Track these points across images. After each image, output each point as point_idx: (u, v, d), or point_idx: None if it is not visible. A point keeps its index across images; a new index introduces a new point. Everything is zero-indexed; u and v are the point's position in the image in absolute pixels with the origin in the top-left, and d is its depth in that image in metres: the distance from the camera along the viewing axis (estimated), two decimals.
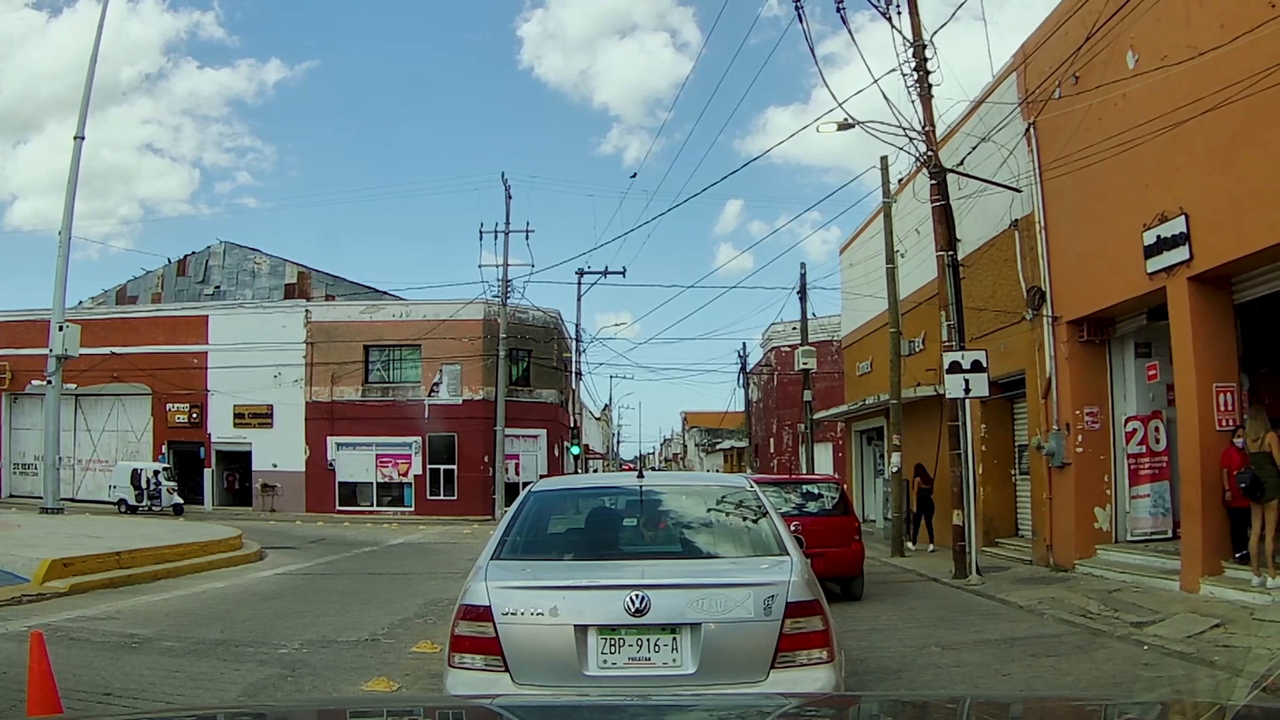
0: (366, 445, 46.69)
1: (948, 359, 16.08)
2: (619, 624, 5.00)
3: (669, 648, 5.01)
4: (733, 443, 67.77)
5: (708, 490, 7.07)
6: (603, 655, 4.99)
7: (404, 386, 47.09)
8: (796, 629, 5.05)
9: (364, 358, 47.38)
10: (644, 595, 4.96)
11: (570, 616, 5.03)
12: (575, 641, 4.98)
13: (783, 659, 5.00)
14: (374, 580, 18.03)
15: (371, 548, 25.84)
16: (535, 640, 5.05)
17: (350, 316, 48.04)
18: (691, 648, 4.98)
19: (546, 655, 5.03)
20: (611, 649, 5.01)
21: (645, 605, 4.94)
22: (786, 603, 5.05)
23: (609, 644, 5.02)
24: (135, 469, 40.52)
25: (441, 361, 46.20)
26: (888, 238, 21.94)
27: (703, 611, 5.01)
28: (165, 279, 56.38)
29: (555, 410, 48.51)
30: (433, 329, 45.60)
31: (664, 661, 5.00)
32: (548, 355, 48.17)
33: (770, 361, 50.19)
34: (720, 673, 4.94)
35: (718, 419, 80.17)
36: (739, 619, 5.02)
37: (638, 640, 5.02)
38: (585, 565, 5.84)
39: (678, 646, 5.01)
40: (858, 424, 31.19)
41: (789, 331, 47.80)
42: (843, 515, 15.00)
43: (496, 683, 4.98)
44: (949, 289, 16.90)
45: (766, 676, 4.96)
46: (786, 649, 5.01)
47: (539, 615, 5.06)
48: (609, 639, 5.02)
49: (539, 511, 6.47)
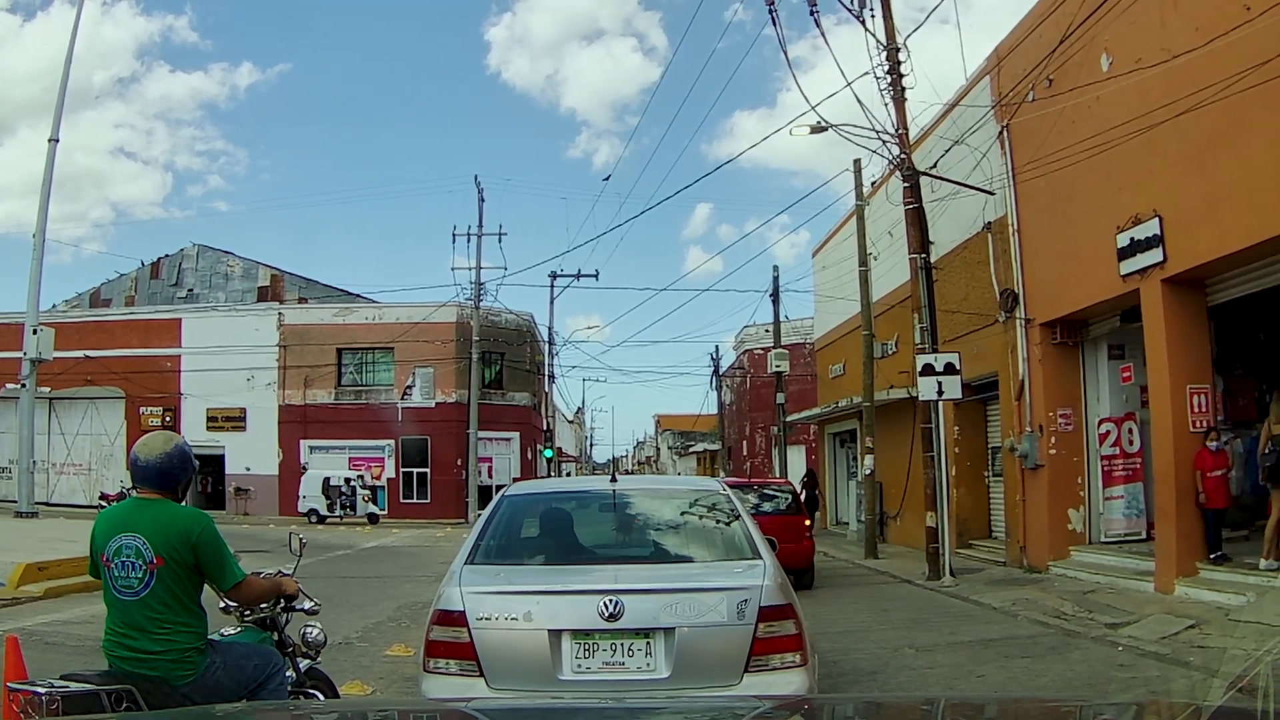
0: (339, 448, 46.38)
1: (921, 361, 16.10)
2: (593, 629, 4.96)
3: (643, 652, 4.97)
4: (706, 445, 67.79)
5: (680, 493, 7.12)
6: (577, 660, 4.96)
7: (377, 389, 46.86)
8: (770, 633, 5.00)
9: (337, 361, 47.11)
10: (617, 600, 4.91)
11: (544, 621, 5.00)
12: (550, 646, 4.94)
13: (756, 663, 4.97)
14: (346, 584, 17.85)
15: (344, 551, 25.59)
16: (509, 645, 5.03)
17: (323, 319, 47.75)
18: (665, 652, 4.93)
19: (521, 660, 5.01)
20: (585, 653, 4.97)
21: (619, 610, 4.90)
22: (759, 607, 5.01)
23: (583, 648, 4.97)
24: (326, 477, 40.89)
25: (414, 364, 46.00)
26: (860, 241, 21.96)
27: (676, 616, 4.97)
28: (138, 282, 55.84)
29: (528, 413, 48.39)
30: (405, 332, 45.39)
31: (638, 666, 4.96)
32: (521, 358, 48.07)
33: (743, 364, 50.23)
34: (694, 677, 4.90)
35: (691, 422, 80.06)
36: (712, 623, 4.99)
37: (611, 645, 4.98)
38: (559, 570, 5.83)
39: (651, 651, 4.96)
40: (831, 426, 31.22)
41: (762, 334, 47.87)
42: (795, 514, 16.58)
43: (472, 687, 4.92)
44: (921, 291, 16.91)
45: (740, 680, 4.92)
46: (760, 653, 4.97)
47: (513, 620, 5.02)
48: (583, 643, 4.97)
49: (512, 516, 6.42)
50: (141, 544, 4.35)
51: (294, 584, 5.31)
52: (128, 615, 4.37)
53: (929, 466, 16.67)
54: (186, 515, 4.51)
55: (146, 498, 4.55)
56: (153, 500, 4.52)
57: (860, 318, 22.34)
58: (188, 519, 4.49)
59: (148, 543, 4.35)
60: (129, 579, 4.35)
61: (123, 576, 4.36)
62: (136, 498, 4.61)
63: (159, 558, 4.34)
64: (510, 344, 47.38)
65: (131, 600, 4.35)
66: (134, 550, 4.35)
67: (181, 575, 4.40)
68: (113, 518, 4.58)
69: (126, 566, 4.36)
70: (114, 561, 4.38)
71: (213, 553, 4.49)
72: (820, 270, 31.04)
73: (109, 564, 4.39)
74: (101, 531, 4.51)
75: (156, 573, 4.33)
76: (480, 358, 44.37)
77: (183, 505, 4.61)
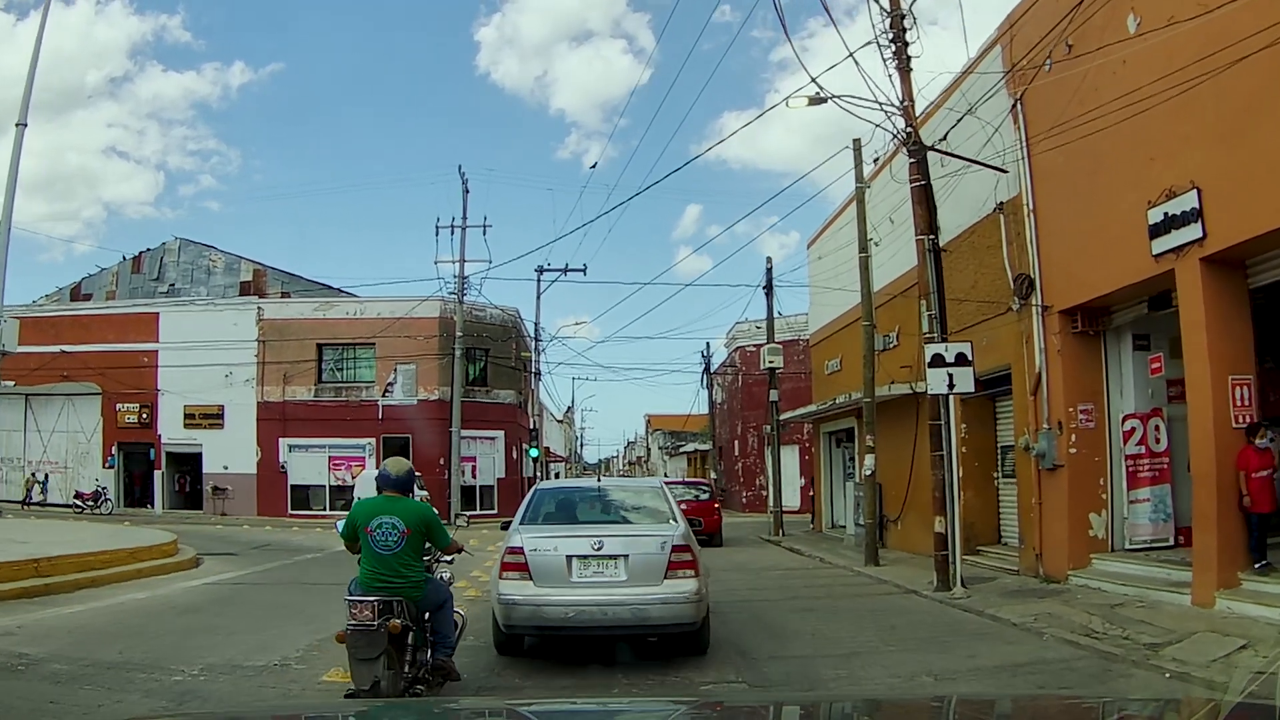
0: (319, 447, 44.98)
1: (929, 351, 14.75)
2: (587, 555, 9.37)
3: (613, 567, 9.37)
4: (696, 445, 66.39)
5: (635, 488, 12.78)
6: (578, 572, 9.35)
7: (358, 386, 45.44)
8: (677, 559, 9.37)
9: (317, 356, 45.65)
10: (600, 541, 9.45)
11: (562, 551, 9.40)
12: (565, 564, 9.34)
13: (669, 574, 9.32)
14: (306, 591, 16.55)
15: (315, 554, 24.24)
16: (545, 563, 9.33)
17: (303, 314, 46.29)
18: (625, 567, 9.35)
19: (550, 571, 9.30)
20: (583, 568, 9.36)
21: (600, 546, 9.41)
22: (671, 545, 9.44)
23: (582, 565, 9.36)
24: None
25: (396, 360, 44.59)
26: (860, 225, 20.61)
27: (629, 549, 9.42)
28: (119, 276, 54.36)
29: (513, 411, 46.98)
30: (387, 327, 44.00)
31: (610, 574, 9.34)
32: (506, 355, 46.64)
33: (735, 362, 48.74)
34: (638, 581, 9.25)
35: (681, 422, 78.98)
36: (648, 552, 9.41)
37: (598, 563, 9.38)
38: (568, 527, 10.32)
39: (617, 566, 9.37)
40: (827, 425, 29.87)
41: (754, 330, 46.48)
42: (709, 501, 29.08)
43: (525, 586, 9.26)
44: (930, 276, 15.59)
45: (661, 583, 9.26)
46: (671, 569, 9.33)
47: (547, 551, 9.41)
48: (582, 562, 9.36)
49: (541, 499, 11.12)
50: (396, 521, 7.29)
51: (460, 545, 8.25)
52: (385, 564, 7.24)
53: (937, 467, 15.30)
54: (421, 506, 7.80)
55: (393, 496, 7.59)
56: (398, 497, 7.57)
57: (860, 308, 20.96)
58: (423, 508, 7.77)
59: (400, 520, 7.30)
60: (387, 541, 7.25)
61: (382, 540, 7.25)
62: (387, 495, 7.58)
63: (407, 529, 7.30)
64: (495, 340, 45.96)
65: (388, 554, 7.25)
66: (391, 525, 7.27)
67: (418, 540, 7.40)
68: (370, 507, 7.54)
69: (385, 534, 7.25)
70: (375, 531, 7.27)
71: (436, 527, 7.64)
72: (815, 260, 29.68)
73: (371, 533, 7.28)
74: (363, 514, 7.50)
75: (406, 539, 7.29)
76: (464, 354, 42.96)
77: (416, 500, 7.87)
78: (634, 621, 9.33)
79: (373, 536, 7.26)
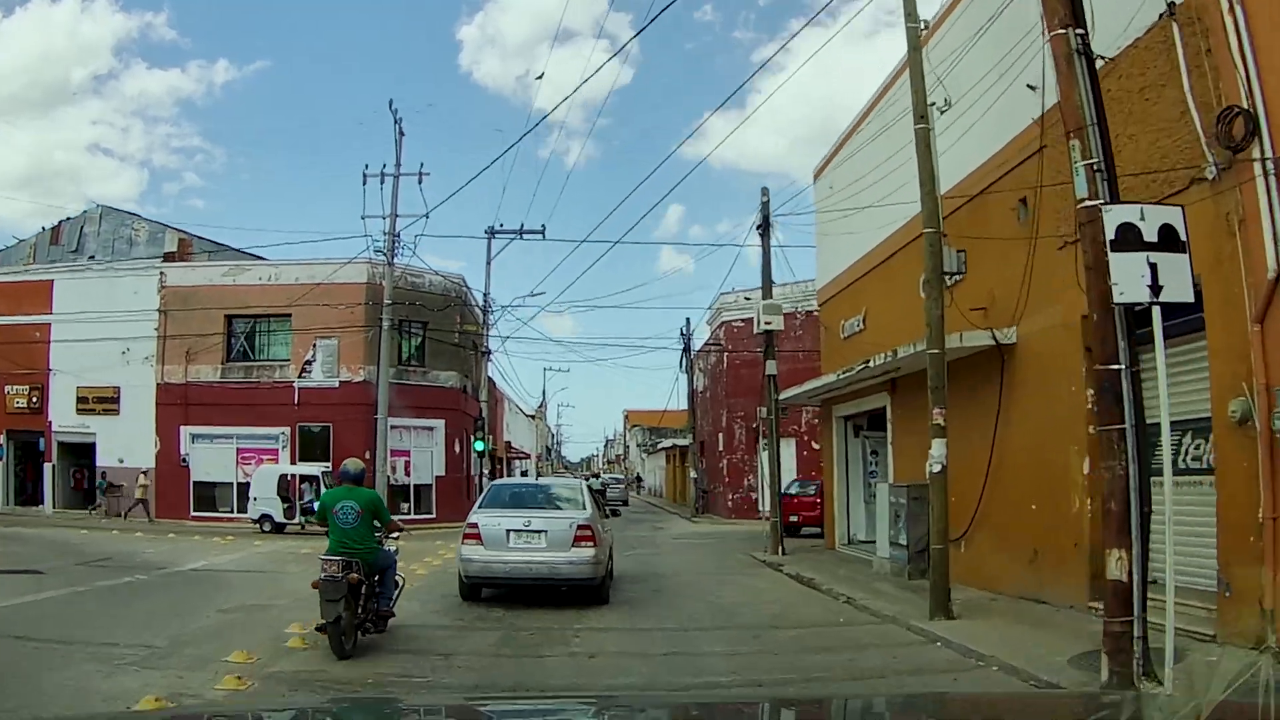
0: (226, 438, 37.73)
1: (1111, 221, 7.46)
2: (520, 529, 14.08)
3: (537, 539, 13.99)
4: (675, 441, 59.13)
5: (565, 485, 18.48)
6: (513, 540, 14.01)
7: (270, 365, 38.14)
8: (581, 534, 13.98)
9: (225, 329, 38.41)
10: (530, 520, 14.28)
11: (504, 526, 14.13)
12: (505, 534, 14.03)
13: (575, 544, 13.89)
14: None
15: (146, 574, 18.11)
16: (491, 533, 14.00)
17: (211, 280, 38.97)
18: (545, 539, 13.98)
19: (495, 539, 13.97)
20: (517, 538, 13.99)
21: (529, 524, 14.19)
22: (577, 525, 14.15)
23: (515, 536, 14.01)
24: (283, 474, 33.03)
25: (316, 334, 37.34)
26: (916, 85, 13.24)
27: (548, 526, 14.15)
28: (37, 248, 48.53)
29: (456, 397, 39.61)
30: (306, 294, 36.73)
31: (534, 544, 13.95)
32: (448, 329, 39.27)
33: (719, 339, 41.27)
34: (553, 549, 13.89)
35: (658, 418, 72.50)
36: (560, 529, 14.05)
37: (527, 535, 14.02)
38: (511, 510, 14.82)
39: (540, 539, 13.99)
40: (842, 407, 22.64)
41: (742, 303, 39.25)
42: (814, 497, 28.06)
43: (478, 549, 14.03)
44: (1082, 96, 8.36)
45: (569, 550, 13.86)
46: (576, 541, 13.93)
47: (492, 525, 14.13)
48: (516, 534, 14.03)
49: (496, 492, 16.52)
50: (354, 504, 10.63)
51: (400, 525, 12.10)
52: (346, 534, 10.50)
53: (1110, 455, 7.96)
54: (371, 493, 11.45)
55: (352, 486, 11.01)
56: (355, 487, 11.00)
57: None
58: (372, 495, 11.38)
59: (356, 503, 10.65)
60: (347, 519, 10.55)
61: (344, 517, 10.54)
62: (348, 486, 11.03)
63: (361, 510, 10.64)
64: (435, 312, 38.60)
65: (348, 528, 10.52)
66: (350, 507, 10.60)
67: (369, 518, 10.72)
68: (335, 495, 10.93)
69: (346, 514, 10.55)
70: (339, 511, 10.57)
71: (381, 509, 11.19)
72: (826, 195, 22.41)
73: (336, 513, 10.57)
74: (331, 499, 10.87)
75: (361, 516, 10.62)
76: (394, 326, 35.62)
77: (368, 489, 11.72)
78: (550, 576, 14.16)
79: (337, 515, 10.58)
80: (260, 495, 32.91)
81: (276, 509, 32.34)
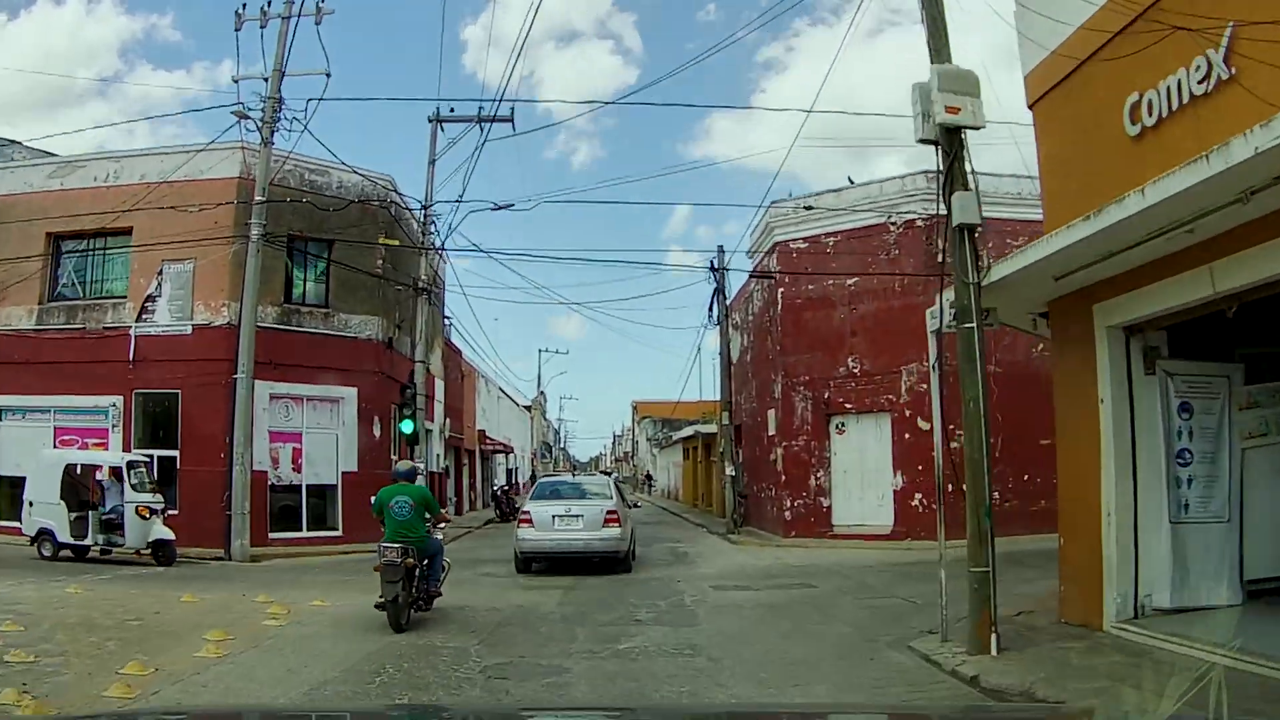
0: (40, 410, 25.18)
1: None
2: (562, 514, 18.83)
3: (576, 522, 18.68)
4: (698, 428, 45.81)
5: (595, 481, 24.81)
6: (558, 523, 18.70)
7: (103, 305, 25.41)
8: (609, 518, 18.76)
9: (49, 252, 25.79)
10: (570, 507, 19.05)
11: (549, 512, 18.93)
12: (550, 519, 18.75)
13: (605, 525, 18.58)
14: None
15: None
16: (540, 518, 18.80)
17: (31, 185, 26.21)
18: (582, 522, 18.66)
19: (544, 522, 18.72)
20: (560, 521, 18.71)
21: (569, 510, 18.94)
22: (606, 510, 18.94)
23: (558, 520, 18.72)
24: (71, 467, 21.27)
25: (165, 257, 24.57)
26: None
27: (584, 511, 18.90)
28: None
29: (376, 353, 26.51)
30: (151, 194, 24.08)
31: (574, 526, 18.63)
32: (367, 253, 26.31)
33: (769, 269, 27.87)
34: (588, 529, 18.52)
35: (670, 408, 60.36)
36: (595, 514, 18.78)
37: (567, 520, 18.72)
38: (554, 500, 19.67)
39: (579, 521, 18.68)
40: (1125, 302, 9.65)
41: (799, 220, 26.22)
42: None
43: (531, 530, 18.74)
44: None
45: (601, 530, 18.50)
46: (605, 523, 18.64)
47: (541, 512, 18.98)
48: (559, 519, 18.75)
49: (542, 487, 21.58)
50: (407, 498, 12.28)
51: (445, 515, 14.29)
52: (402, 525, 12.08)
53: None
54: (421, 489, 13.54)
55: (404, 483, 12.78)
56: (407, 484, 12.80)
57: None
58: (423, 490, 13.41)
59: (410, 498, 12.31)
60: (402, 512, 12.14)
61: (399, 511, 12.14)
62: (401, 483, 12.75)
63: (414, 503, 12.26)
64: (347, 228, 25.67)
65: (403, 519, 12.09)
66: (404, 501, 12.22)
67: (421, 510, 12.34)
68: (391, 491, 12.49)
69: (401, 508, 12.16)
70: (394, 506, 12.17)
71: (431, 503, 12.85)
72: None
73: (391, 507, 12.17)
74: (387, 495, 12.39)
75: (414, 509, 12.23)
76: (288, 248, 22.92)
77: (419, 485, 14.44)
78: (585, 550, 18.49)
79: (393, 509, 12.28)
80: (38, 499, 20.50)
81: (61, 521, 19.99)
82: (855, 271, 24.28)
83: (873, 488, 24.29)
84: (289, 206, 24.35)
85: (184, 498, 23.51)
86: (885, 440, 24.15)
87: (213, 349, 23.46)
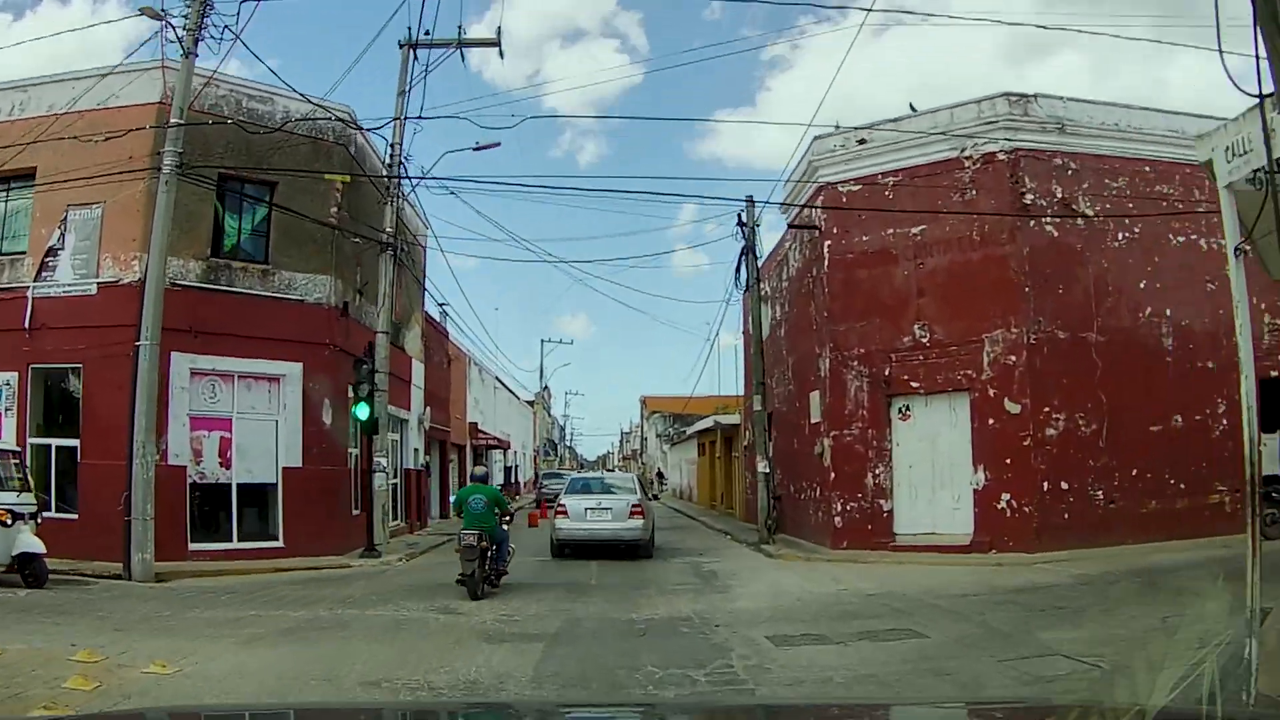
0: None
1: None
2: (593, 507, 21.23)
3: (605, 514, 21.06)
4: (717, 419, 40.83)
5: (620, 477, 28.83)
6: (589, 515, 21.02)
7: (2, 263, 20.65)
8: (634, 510, 21.12)
9: None
10: (599, 501, 21.55)
11: (582, 505, 21.33)
12: (583, 511, 21.12)
13: (630, 517, 20.91)
14: None
15: None
16: (574, 510, 21.17)
17: None
18: (610, 515, 21.04)
19: (577, 514, 21.11)
20: (591, 514, 21.05)
21: (599, 504, 21.33)
22: (631, 504, 21.31)
23: (590, 512, 21.08)
24: None
25: (70, 202, 19.77)
26: None
27: (612, 505, 21.30)
28: None
29: (328, 321, 21.43)
30: (55, 123, 19.32)
31: (603, 518, 20.97)
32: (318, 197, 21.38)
33: (813, 221, 22.81)
34: (616, 520, 20.89)
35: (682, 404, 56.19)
36: (622, 506, 21.23)
37: (597, 512, 21.10)
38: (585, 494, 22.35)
39: (607, 513, 21.06)
40: None
41: (849, 156, 21.33)
42: None
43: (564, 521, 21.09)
44: None
45: (626, 521, 20.82)
46: (631, 515, 20.97)
47: (575, 505, 21.37)
48: (590, 511, 21.11)
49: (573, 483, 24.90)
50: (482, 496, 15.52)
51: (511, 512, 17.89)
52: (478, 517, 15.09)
53: None
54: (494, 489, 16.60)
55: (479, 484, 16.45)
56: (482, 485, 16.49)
57: None
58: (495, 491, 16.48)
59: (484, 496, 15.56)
60: (478, 507, 15.26)
61: (475, 506, 15.30)
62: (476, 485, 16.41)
63: (488, 501, 15.45)
64: (298, 168, 20.81)
65: (478, 513, 15.15)
66: (480, 498, 15.44)
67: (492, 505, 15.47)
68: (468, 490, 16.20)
69: (476, 504, 15.30)
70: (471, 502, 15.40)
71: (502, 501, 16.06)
72: None
73: (469, 503, 15.40)
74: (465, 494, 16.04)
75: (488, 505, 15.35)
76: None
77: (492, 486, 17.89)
78: (613, 539, 20.68)
79: (470, 505, 15.27)
80: None
81: None
82: (924, 213, 19.42)
83: (946, 487, 19.42)
84: (221, 139, 19.67)
85: (84, 498, 18.84)
86: (963, 427, 19.27)
87: (121, 313, 18.60)
